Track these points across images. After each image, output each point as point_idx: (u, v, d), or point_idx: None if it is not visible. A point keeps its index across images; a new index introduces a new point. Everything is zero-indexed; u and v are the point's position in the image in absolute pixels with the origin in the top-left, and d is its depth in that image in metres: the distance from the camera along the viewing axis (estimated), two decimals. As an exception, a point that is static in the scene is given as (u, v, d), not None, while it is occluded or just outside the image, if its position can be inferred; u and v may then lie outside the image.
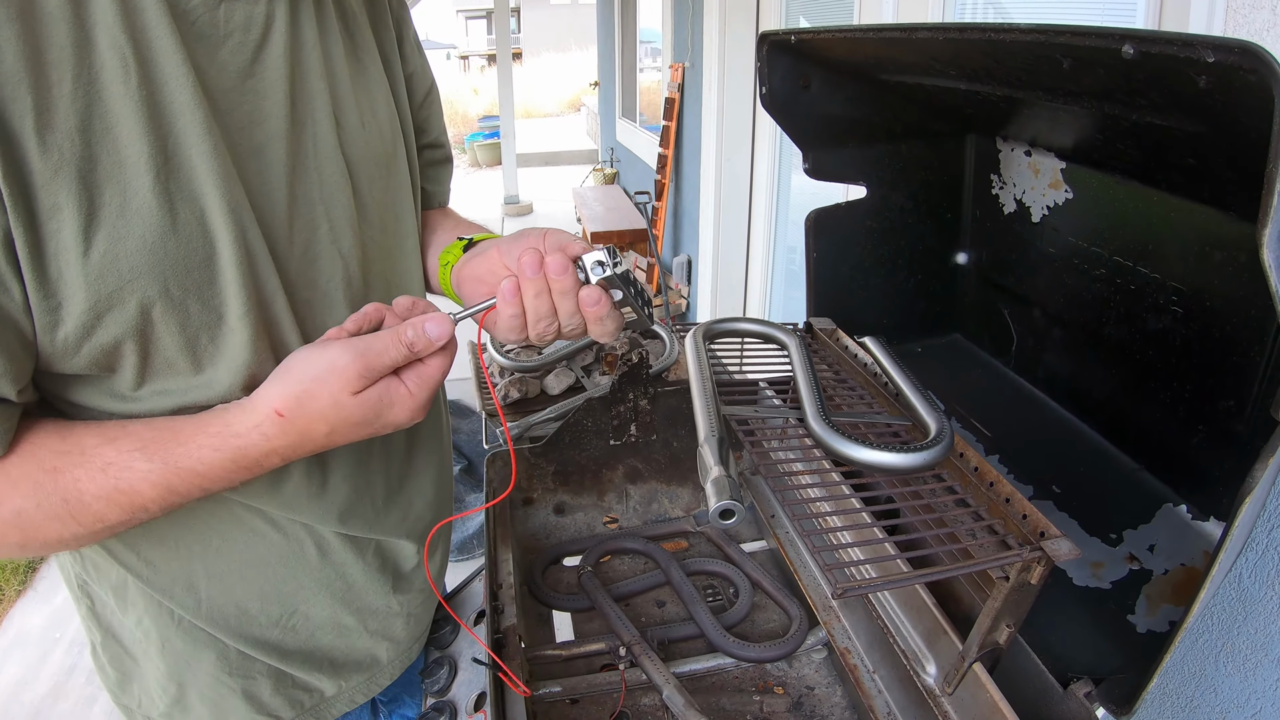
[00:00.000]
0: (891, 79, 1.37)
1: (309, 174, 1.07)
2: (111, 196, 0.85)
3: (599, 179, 11.51)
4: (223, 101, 0.96)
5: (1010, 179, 1.49)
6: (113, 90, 0.85)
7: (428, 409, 1.02)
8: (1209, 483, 1.20)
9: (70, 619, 4.36)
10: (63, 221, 0.83)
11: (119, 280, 0.87)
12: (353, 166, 1.13)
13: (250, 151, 0.99)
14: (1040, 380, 1.53)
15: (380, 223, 1.21)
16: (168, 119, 0.89)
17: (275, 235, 1.03)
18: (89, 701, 3.79)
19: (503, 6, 11.38)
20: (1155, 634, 1.16)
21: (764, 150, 4.89)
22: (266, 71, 1.01)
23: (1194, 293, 1.16)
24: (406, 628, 1.38)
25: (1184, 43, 0.69)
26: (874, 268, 1.65)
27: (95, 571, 1.16)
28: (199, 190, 0.92)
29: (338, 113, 1.11)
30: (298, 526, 1.19)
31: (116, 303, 0.88)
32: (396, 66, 1.29)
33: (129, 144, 0.86)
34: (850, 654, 1.32)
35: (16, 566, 4.75)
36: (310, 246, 1.09)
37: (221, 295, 0.97)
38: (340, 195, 1.11)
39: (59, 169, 0.81)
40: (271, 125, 1.02)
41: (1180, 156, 1.05)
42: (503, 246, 1.16)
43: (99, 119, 0.84)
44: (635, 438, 1.66)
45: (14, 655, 4.16)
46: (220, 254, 0.95)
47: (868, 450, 1.02)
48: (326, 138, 1.09)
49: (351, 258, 1.14)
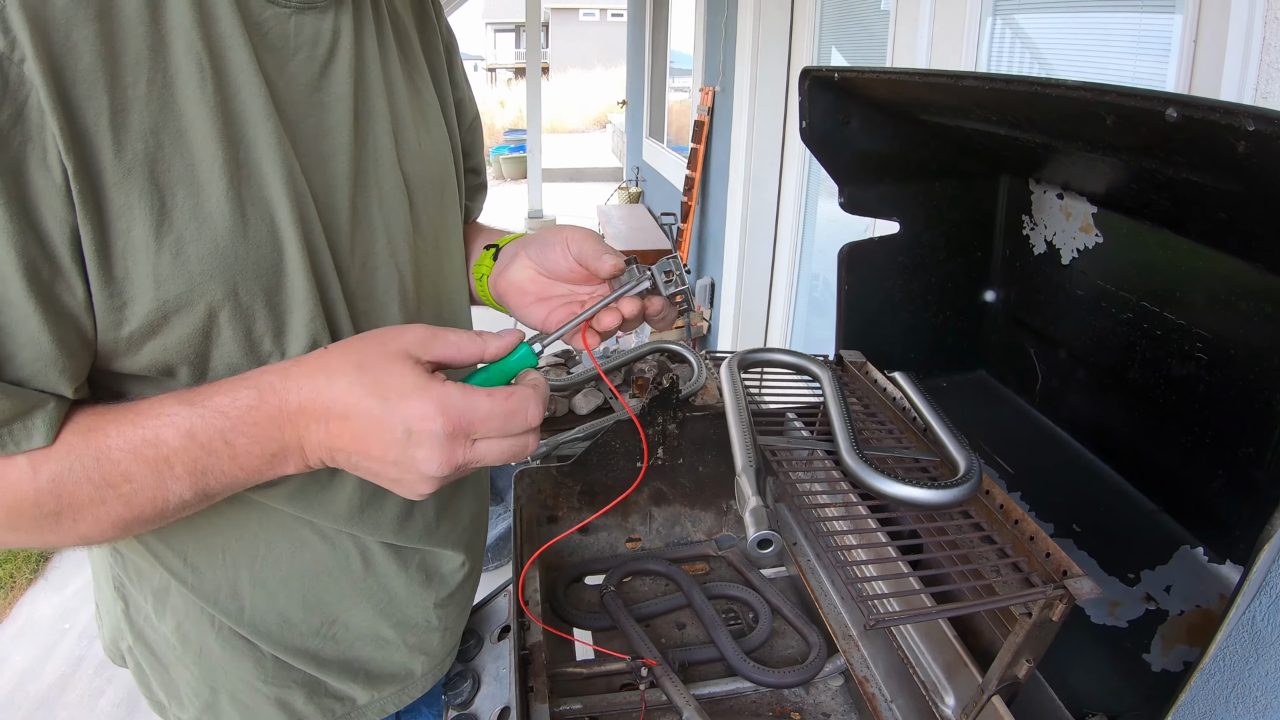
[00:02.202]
0: (931, 119, 1.39)
1: (370, 188, 1.09)
2: (184, 199, 0.87)
3: (623, 197, 11.52)
4: (290, 112, 0.98)
5: (1041, 220, 1.51)
6: (188, 95, 0.87)
7: (443, 482, 0.92)
8: (1227, 527, 1.21)
9: (80, 610, 4.38)
10: (133, 220, 0.84)
11: (188, 282, 0.89)
12: (409, 183, 1.15)
13: (316, 162, 1.02)
14: (1063, 419, 1.54)
15: (433, 239, 1.23)
16: (240, 126, 0.92)
17: (338, 245, 1.05)
18: (96, 694, 3.80)
19: (534, 20, 11.45)
20: (1170, 674, 1.18)
21: (792, 178, 4.91)
22: (333, 85, 1.04)
23: (1218, 340, 1.18)
24: (442, 641, 1.38)
25: (1226, 110, 0.71)
26: (903, 302, 1.67)
27: (136, 575, 1.17)
28: (269, 197, 0.94)
29: (396, 130, 1.13)
30: (345, 538, 1.19)
31: (184, 304, 0.90)
32: (447, 91, 1.32)
33: (202, 148, 0.88)
34: (869, 683, 1.33)
35: (29, 555, 4.77)
36: (369, 258, 1.11)
37: (287, 302, 0.99)
38: (398, 210, 1.13)
39: (131, 169, 0.83)
40: (337, 138, 1.04)
41: (1212, 210, 1.07)
42: (531, 252, 1.20)
43: (172, 122, 0.86)
44: (662, 461, 1.68)
45: (22, 644, 4.19)
46: (288, 260, 0.97)
47: (901, 486, 1.04)
48: (387, 154, 1.11)
49: (407, 271, 1.16)
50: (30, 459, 0.85)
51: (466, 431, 0.89)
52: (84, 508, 0.88)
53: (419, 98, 1.22)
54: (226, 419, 0.88)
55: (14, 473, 0.85)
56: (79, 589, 4.53)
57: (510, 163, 17.65)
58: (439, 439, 0.87)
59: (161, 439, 0.87)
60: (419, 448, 0.87)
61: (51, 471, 0.85)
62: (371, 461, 0.90)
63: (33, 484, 0.85)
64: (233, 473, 0.91)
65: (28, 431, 0.84)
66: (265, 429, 0.89)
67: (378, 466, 0.90)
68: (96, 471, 0.86)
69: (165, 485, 0.89)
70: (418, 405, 0.86)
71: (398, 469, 0.89)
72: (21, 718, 3.71)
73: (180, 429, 0.87)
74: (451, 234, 1.31)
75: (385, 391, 0.87)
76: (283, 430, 0.90)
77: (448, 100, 1.32)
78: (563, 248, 1.15)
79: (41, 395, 0.85)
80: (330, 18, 1.03)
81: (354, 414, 0.88)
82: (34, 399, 0.84)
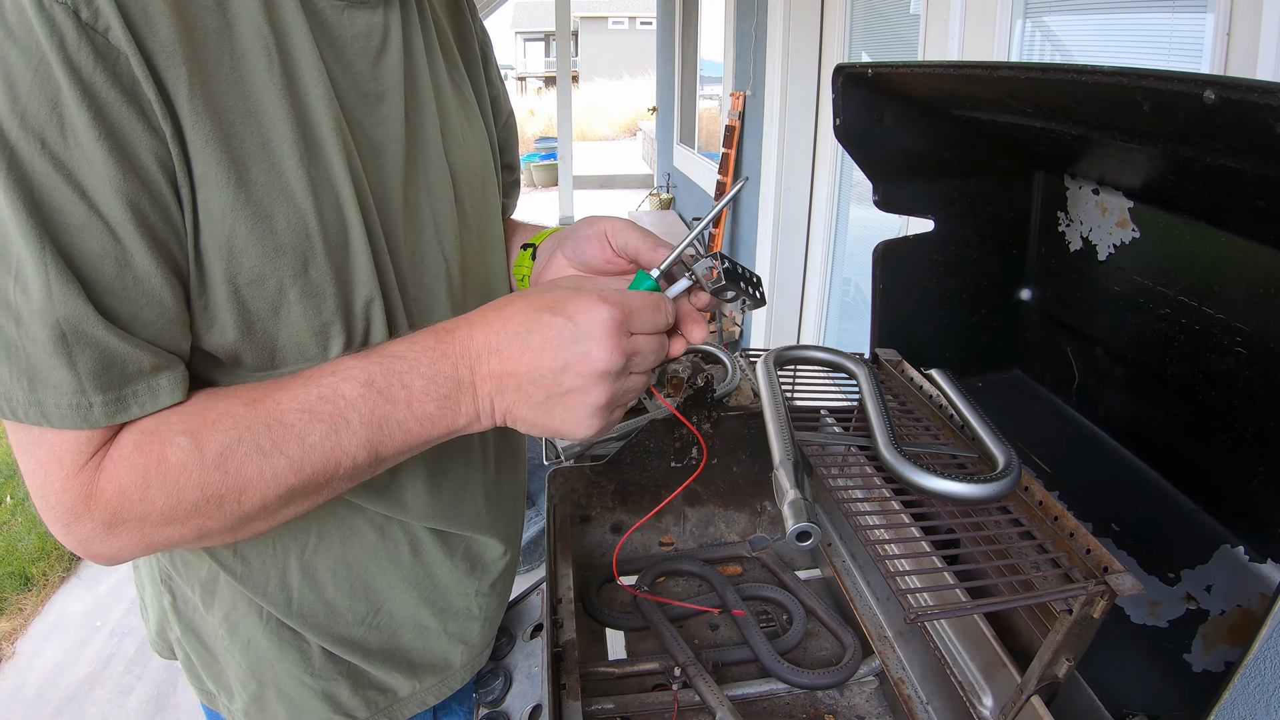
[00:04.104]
0: (965, 115, 1.38)
1: (419, 177, 1.12)
2: (258, 175, 0.89)
3: (654, 204, 11.56)
4: (346, 100, 1.00)
5: (1077, 216, 1.50)
6: (257, 76, 0.89)
7: (614, 392, 0.95)
8: (1268, 525, 1.19)
9: (112, 608, 4.42)
10: (211, 191, 0.86)
11: (261, 256, 0.91)
12: (455, 174, 1.18)
13: (370, 150, 1.04)
14: (1101, 418, 1.53)
15: (477, 230, 1.25)
16: (306, 110, 0.94)
17: (392, 231, 1.07)
18: (125, 691, 3.82)
19: (564, 29, 11.50)
20: (1211, 674, 1.16)
21: (824, 181, 4.90)
22: (385, 76, 1.06)
23: (1258, 334, 1.16)
24: (482, 632, 1.39)
25: (1265, 90, 0.70)
26: (938, 301, 1.66)
27: (184, 567, 1.18)
28: (335, 178, 0.96)
29: (442, 123, 1.16)
30: (396, 525, 1.21)
31: (256, 278, 0.91)
32: (484, 88, 1.34)
33: (273, 127, 0.90)
34: (904, 684, 1.32)
35: (62, 554, 4.82)
36: (418, 246, 1.13)
37: (353, 282, 1.01)
38: (445, 200, 1.16)
39: (209, 140, 0.85)
40: (390, 128, 1.07)
41: (1250, 199, 1.05)
42: (566, 250, 1.21)
43: (241, 100, 0.88)
44: (696, 460, 1.68)
45: (53, 640, 4.23)
46: (354, 241, 0.99)
47: (940, 480, 1.03)
48: (434, 144, 1.14)
49: (453, 260, 1.18)
50: (193, 437, 0.85)
51: (626, 319, 0.92)
52: (250, 483, 0.87)
53: (460, 92, 1.24)
54: (404, 361, 0.91)
55: (175, 454, 0.85)
56: (111, 587, 4.58)
57: (541, 170, 17.70)
58: (605, 326, 0.90)
59: (339, 392, 0.89)
60: (588, 340, 0.90)
61: (219, 445, 0.85)
62: (544, 377, 0.92)
63: (198, 462, 0.85)
64: (407, 424, 0.92)
65: (153, 392, 0.85)
66: (441, 366, 0.92)
67: (550, 381, 0.92)
68: (268, 438, 0.87)
69: (340, 443, 0.90)
70: (580, 300, 0.91)
71: (571, 375, 0.91)
72: (51, 713, 3.74)
73: (357, 379, 0.90)
74: (494, 226, 1.33)
75: (549, 302, 0.92)
76: (457, 366, 0.92)
77: (484, 96, 1.34)
78: (599, 241, 1.14)
79: (170, 355, 0.87)
80: (380, 14, 1.06)
81: (524, 326, 0.92)
82: (167, 357, 0.87)
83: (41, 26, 0.75)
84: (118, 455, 0.85)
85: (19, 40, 0.75)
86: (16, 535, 5.05)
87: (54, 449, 0.84)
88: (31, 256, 0.76)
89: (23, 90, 0.75)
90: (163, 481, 0.85)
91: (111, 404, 0.83)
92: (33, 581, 4.66)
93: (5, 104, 0.75)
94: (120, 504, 0.85)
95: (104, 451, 0.85)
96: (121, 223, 0.80)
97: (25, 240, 0.76)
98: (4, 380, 0.80)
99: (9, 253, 0.77)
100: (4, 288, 0.78)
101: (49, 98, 0.76)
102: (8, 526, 5.20)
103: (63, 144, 0.77)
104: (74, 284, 0.78)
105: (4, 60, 0.75)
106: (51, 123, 0.76)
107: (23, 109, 0.75)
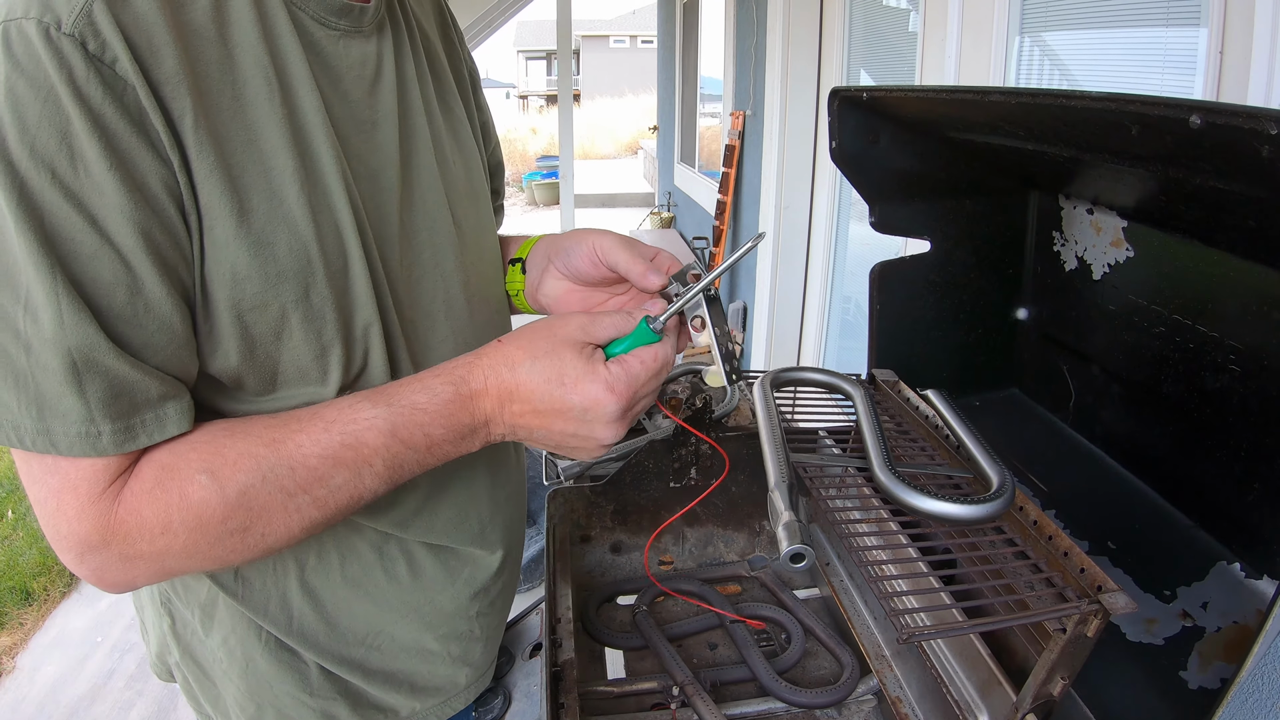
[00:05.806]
0: (959, 137, 1.39)
1: (415, 202, 1.14)
2: (259, 202, 0.91)
3: (655, 222, 11.57)
4: (342, 128, 1.02)
5: (1072, 236, 1.51)
6: (258, 106, 0.91)
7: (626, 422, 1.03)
8: (1263, 542, 1.20)
9: (113, 624, 4.41)
10: (216, 219, 0.88)
11: (264, 283, 0.92)
12: (450, 198, 1.19)
13: (367, 176, 1.06)
14: (1097, 436, 1.53)
15: (476, 250, 1.27)
16: (305, 138, 0.96)
17: (388, 256, 1.09)
18: (125, 706, 3.80)
19: (565, 48, 11.49)
20: (1207, 691, 1.16)
21: (823, 201, 4.90)
22: (380, 104, 1.08)
23: (1252, 352, 1.17)
24: (484, 652, 1.39)
25: (1249, 115, 0.71)
26: (935, 321, 1.67)
27: (184, 590, 1.18)
28: (334, 205, 0.98)
29: (436, 148, 1.18)
30: (393, 544, 1.21)
31: (259, 304, 0.93)
32: (474, 113, 1.36)
33: (273, 155, 0.92)
34: (901, 703, 1.32)
35: (63, 570, 4.80)
36: (415, 269, 1.14)
37: (353, 306, 1.02)
38: (442, 223, 1.17)
39: (213, 169, 0.86)
40: (385, 154, 1.09)
41: (1241, 218, 1.06)
42: (558, 264, 1.25)
43: (243, 129, 0.90)
44: (695, 481, 1.68)
45: (53, 655, 4.21)
46: (353, 266, 1.01)
47: (933, 501, 1.04)
48: (429, 169, 1.16)
49: (452, 281, 1.19)
50: (213, 475, 0.87)
51: (632, 402, 1.00)
52: (275, 517, 0.91)
53: (451, 116, 1.26)
54: (425, 414, 0.96)
55: (197, 491, 0.87)
56: (112, 603, 4.56)
57: (543, 189, 17.77)
58: (613, 414, 0.98)
59: (362, 441, 0.93)
60: (596, 423, 0.98)
61: (240, 484, 0.88)
62: (553, 435, 1.01)
63: (220, 500, 0.87)
64: (425, 460, 0.99)
65: (160, 421, 0.87)
66: (459, 417, 0.98)
67: (559, 438, 1.02)
68: (291, 480, 0.90)
69: (363, 483, 0.95)
70: (589, 389, 0.96)
71: (577, 439, 1.01)
72: (50, 727, 3.72)
73: (381, 430, 0.93)
74: (490, 245, 1.35)
75: (561, 378, 0.97)
76: (473, 414, 0.98)
77: (474, 121, 1.36)
78: (590, 257, 1.18)
79: (177, 382, 0.89)
80: (374, 43, 1.08)
81: (534, 398, 0.97)
82: (174, 385, 0.88)
83: (50, 58, 0.76)
84: (139, 488, 0.86)
85: (27, 72, 0.76)
86: (18, 550, 5.05)
87: (68, 477, 0.84)
88: (42, 285, 0.77)
89: (32, 121, 0.76)
90: (185, 516, 0.87)
91: (120, 433, 0.84)
92: (34, 596, 4.64)
93: (15, 135, 0.76)
94: (140, 536, 0.86)
95: (122, 481, 0.86)
96: (133, 250, 0.81)
97: (36, 269, 0.77)
98: (11, 409, 0.81)
99: (19, 282, 0.78)
100: (14, 317, 0.79)
101: (58, 128, 0.77)
102: (9, 541, 5.19)
103: (73, 174, 0.78)
104: (85, 312, 0.79)
105: (12, 92, 0.76)
106: (61, 153, 0.77)
107: (32, 139, 0.76)
